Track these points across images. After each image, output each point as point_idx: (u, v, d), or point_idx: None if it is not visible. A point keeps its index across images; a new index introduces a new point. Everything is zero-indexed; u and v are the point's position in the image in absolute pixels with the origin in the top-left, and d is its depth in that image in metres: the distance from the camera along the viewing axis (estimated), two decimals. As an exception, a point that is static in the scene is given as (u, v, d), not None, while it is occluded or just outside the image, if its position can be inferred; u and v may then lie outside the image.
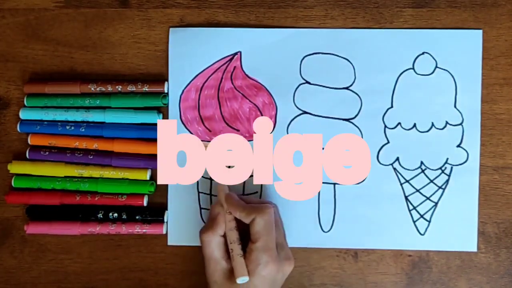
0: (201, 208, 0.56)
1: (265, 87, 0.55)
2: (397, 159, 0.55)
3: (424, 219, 0.55)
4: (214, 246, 0.49)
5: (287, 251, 0.51)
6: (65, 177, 0.55)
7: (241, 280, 0.48)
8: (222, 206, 0.51)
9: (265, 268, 0.48)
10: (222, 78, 0.55)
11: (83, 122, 0.55)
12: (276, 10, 0.55)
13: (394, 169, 0.55)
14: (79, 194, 0.55)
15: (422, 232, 0.55)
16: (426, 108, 0.55)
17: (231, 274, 0.49)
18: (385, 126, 0.55)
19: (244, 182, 0.55)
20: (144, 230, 0.55)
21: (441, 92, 0.55)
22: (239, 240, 0.50)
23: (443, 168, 0.55)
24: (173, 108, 0.55)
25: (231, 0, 0.56)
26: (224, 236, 0.50)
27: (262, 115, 0.55)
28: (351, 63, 0.55)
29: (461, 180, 0.55)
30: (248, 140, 0.55)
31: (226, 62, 0.55)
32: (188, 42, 0.55)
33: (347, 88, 0.55)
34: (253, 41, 0.55)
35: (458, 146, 0.55)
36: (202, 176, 0.55)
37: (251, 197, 0.55)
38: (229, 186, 0.53)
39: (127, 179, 0.55)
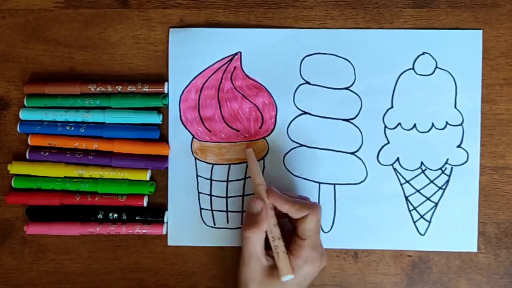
0: (201, 208, 0.56)
1: (265, 87, 0.55)
2: (397, 159, 0.55)
3: (424, 219, 0.55)
4: (257, 243, 0.49)
5: (322, 247, 0.51)
6: (65, 177, 0.55)
7: (287, 278, 0.47)
8: (263, 201, 0.50)
9: (312, 265, 0.48)
10: (222, 78, 0.55)
11: (83, 122, 0.55)
12: (276, 10, 0.55)
13: (394, 169, 0.55)
14: (79, 195, 0.55)
15: (422, 233, 0.55)
16: (426, 108, 0.55)
17: (271, 271, 0.48)
18: (385, 126, 0.55)
19: (244, 182, 0.55)
20: (144, 231, 0.55)
21: (441, 92, 0.55)
22: (282, 237, 0.49)
23: (443, 169, 0.55)
24: (173, 109, 0.55)
25: (231, 0, 0.56)
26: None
27: (262, 115, 0.55)
28: (351, 63, 0.55)
29: (461, 180, 0.55)
30: (248, 140, 0.55)
31: (226, 62, 0.55)
32: (188, 42, 0.55)
33: (347, 88, 0.55)
34: (253, 41, 0.55)
35: (458, 146, 0.55)
36: (202, 177, 0.55)
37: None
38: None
39: (127, 179, 0.55)
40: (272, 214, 0.50)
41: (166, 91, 0.55)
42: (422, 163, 0.55)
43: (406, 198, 0.55)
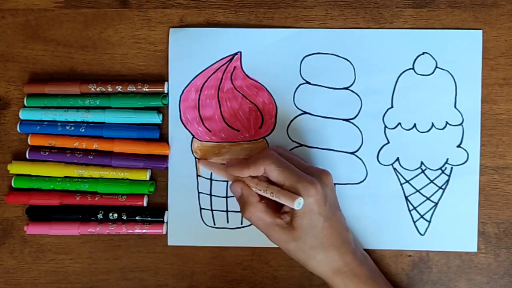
0: (201, 208, 0.56)
1: (265, 87, 0.55)
2: (397, 159, 0.55)
3: (424, 219, 0.55)
4: (261, 215, 0.49)
5: (314, 172, 0.50)
6: (65, 177, 0.55)
7: (298, 201, 0.47)
8: (237, 181, 0.51)
9: (310, 190, 0.47)
10: (222, 78, 0.55)
11: (83, 122, 0.55)
12: (276, 10, 0.55)
13: (394, 169, 0.55)
14: (79, 195, 0.55)
15: (422, 232, 0.55)
16: (426, 108, 0.55)
17: (292, 224, 0.48)
18: (385, 126, 0.55)
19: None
20: (144, 231, 0.55)
21: (441, 92, 0.55)
22: (270, 184, 0.49)
23: (443, 168, 0.55)
24: (173, 108, 0.55)
25: (231, 0, 0.56)
26: (262, 201, 0.49)
27: (262, 115, 0.55)
28: (351, 63, 0.55)
29: (461, 180, 0.55)
30: (248, 140, 0.55)
31: (226, 62, 0.55)
32: (188, 42, 0.55)
33: (347, 88, 0.55)
34: (253, 41, 0.55)
35: (458, 146, 0.55)
36: (202, 176, 0.55)
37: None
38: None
39: (127, 179, 0.55)
40: (250, 180, 0.50)
41: (166, 91, 0.55)
42: (422, 163, 0.55)
43: (406, 198, 0.55)
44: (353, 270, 0.50)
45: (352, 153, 0.55)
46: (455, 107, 0.55)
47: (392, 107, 0.55)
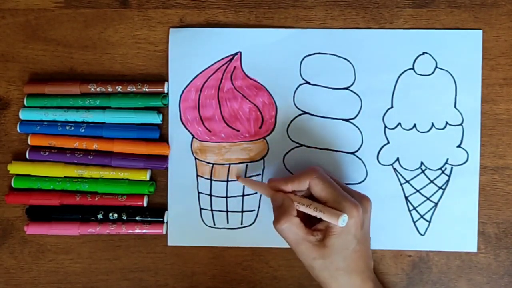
0: (201, 209, 0.56)
1: (265, 87, 0.55)
2: (397, 159, 0.55)
3: (424, 219, 0.55)
4: (294, 228, 0.49)
5: (355, 196, 0.50)
6: (65, 177, 0.55)
7: (343, 219, 0.46)
8: (279, 193, 0.50)
9: (350, 213, 0.47)
10: (222, 78, 0.55)
11: (83, 122, 0.55)
12: (276, 10, 0.55)
13: (394, 169, 0.55)
14: (79, 195, 0.55)
15: (422, 233, 0.55)
16: (426, 108, 0.55)
17: (324, 243, 0.48)
18: (385, 126, 0.55)
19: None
20: (144, 231, 0.55)
21: (441, 92, 0.55)
22: (313, 201, 0.49)
23: (443, 169, 0.55)
24: (173, 108, 0.55)
25: (231, 0, 0.56)
26: (298, 216, 0.49)
27: (262, 115, 0.55)
28: (351, 63, 0.55)
29: (461, 180, 0.55)
30: (248, 140, 0.55)
31: (226, 62, 0.55)
32: (188, 42, 0.55)
33: (347, 88, 0.55)
34: (253, 41, 0.55)
35: (458, 146, 0.55)
36: (202, 177, 0.55)
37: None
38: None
39: (127, 179, 0.55)
40: (293, 194, 0.50)
41: (166, 91, 0.55)
42: (422, 163, 0.55)
43: (406, 198, 0.55)
44: None
45: (352, 153, 0.55)
46: (455, 107, 0.55)
47: (392, 107, 0.55)
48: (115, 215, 0.55)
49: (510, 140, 0.55)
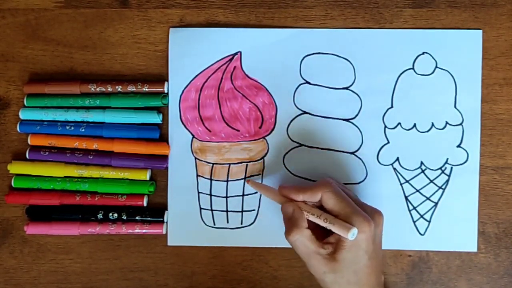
0: (201, 208, 0.56)
1: (265, 87, 0.55)
2: (397, 159, 0.55)
3: (424, 219, 0.55)
4: (306, 240, 0.48)
5: (367, 210, 0.50)
6: (65, 177, 0.55)
7: (353, 233, 0.46)
8: (289, 202, 0.50)
9: (361, 228, 0.47)
10: (222, 78, 0.55)
11: (83, 122, 0.55)
12: (276, 10, 0.55)
13: (394, 169, 0.55)
14: (79, 194, 0.55)
15: (422, 232, 0.55)
16: (426, 108, 0.55)
17: (335, 256, 0.48)
18: (385, 126, 0.55)
19: (244, 182, 0.55)
20: (144, 230, 0.55)
21: (441, 92, 0.55)
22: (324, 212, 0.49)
23: (443, 168, 0.55)
24: (173, 108, 0.55)
25: (231, 0, 0.56)
26: (309, 226, 0.49)
27: (262, 115, 0.55)
28: (351, 63, 0.55)
29: (461, 180, 0.55)
30: (248, 140, 0.55)
31: (226, 62, 0.55)
32: (188, 42, 0.55)
33: (347, 88, 0.55)
34: (253, 41, 0.55)
35: (458, 146, 0.55)
36: (202, 176, 0.55)
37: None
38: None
39: (127, 179, 0.55)
40: (304, 204, 0.50)
41: (166, 91, 0.55)
42: (422, 163, 0.55)
43: (406, 198, 0.55)
44: None
45: (352, 153, 0.55)
46: (455, 107, 0.55)
47: (392, 107, 0.55)
48: (115, 215, 0.55)
49: (510, 140, 0.55)
